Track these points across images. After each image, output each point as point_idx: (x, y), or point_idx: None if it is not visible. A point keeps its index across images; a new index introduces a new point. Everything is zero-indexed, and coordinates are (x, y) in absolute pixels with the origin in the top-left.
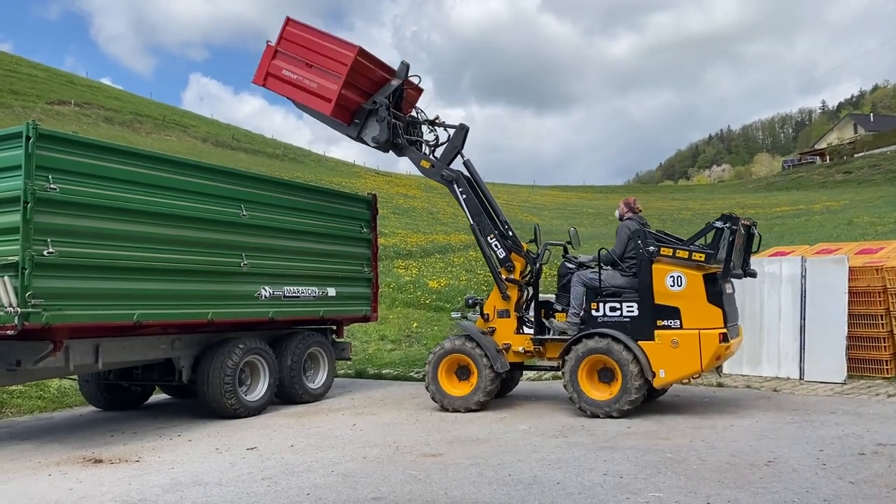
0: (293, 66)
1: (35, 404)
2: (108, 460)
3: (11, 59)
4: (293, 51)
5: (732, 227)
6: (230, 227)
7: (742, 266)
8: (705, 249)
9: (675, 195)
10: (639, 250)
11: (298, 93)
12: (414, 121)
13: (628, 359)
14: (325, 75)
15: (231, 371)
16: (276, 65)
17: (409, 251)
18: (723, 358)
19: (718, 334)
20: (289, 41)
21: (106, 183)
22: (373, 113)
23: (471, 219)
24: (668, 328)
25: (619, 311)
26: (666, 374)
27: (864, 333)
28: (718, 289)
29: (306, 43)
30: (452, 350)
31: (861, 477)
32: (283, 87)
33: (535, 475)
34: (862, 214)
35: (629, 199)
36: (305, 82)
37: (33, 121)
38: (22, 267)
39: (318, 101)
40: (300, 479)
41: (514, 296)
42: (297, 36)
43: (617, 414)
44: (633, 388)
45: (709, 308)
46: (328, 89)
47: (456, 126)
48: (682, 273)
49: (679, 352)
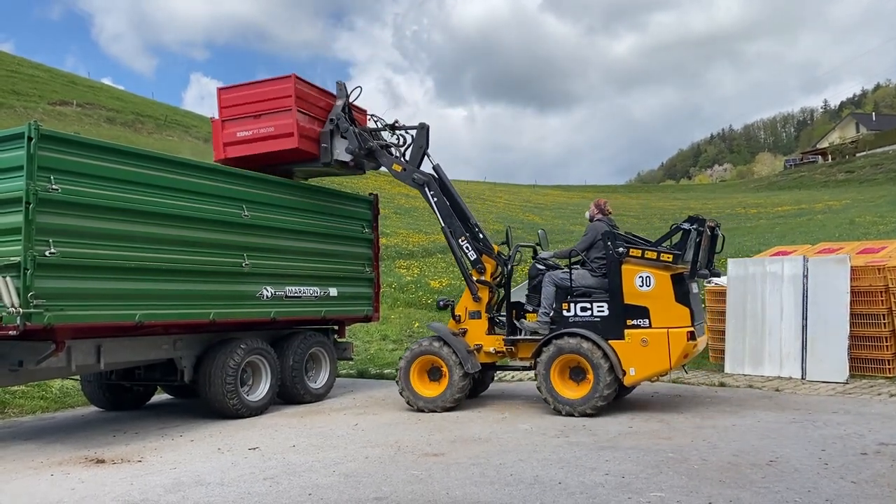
0: (244, 125)
1: (37, 404)
2: (110, 460)
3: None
4: (238, 112)
5: (699, 228)
6: (232, 227)
7: (707, 266)
8: (673, 250)
9: (676, 195)
10: (608, 251)
11: (261, 144)
12: (374, 130)
13: (599, 358)
14: (276, 116)
15: (233, 371)
16: (228, 133)
17: (410, 251)
18: (690, 356)
19: (686, 332)
20: (229, 107)
21: (108, 183)
22: (336, 130)
23: (442, 221)
24: (638, 327)
25: (590, 311)
26: (636, 372)
27: (866, 333)
28: (686, 288)
29: (244, 99)
30: (423, 352)
31: (863, 477)
32: (245, 148)
33: (537, 475)
34: (864, 214)
35: (600, 201)
36: (262, 131)
37: (35, 121)
38: (24, 267)
39: (282, 141)
40: (302, 478)
41: (485, 297)
42: (233, 98)
43: (591, 411)
44: (604, 386)
45: (676, 307)
46: (286, 124)
47: (416, 127)
48: (650, 273)
49: (648, 350)
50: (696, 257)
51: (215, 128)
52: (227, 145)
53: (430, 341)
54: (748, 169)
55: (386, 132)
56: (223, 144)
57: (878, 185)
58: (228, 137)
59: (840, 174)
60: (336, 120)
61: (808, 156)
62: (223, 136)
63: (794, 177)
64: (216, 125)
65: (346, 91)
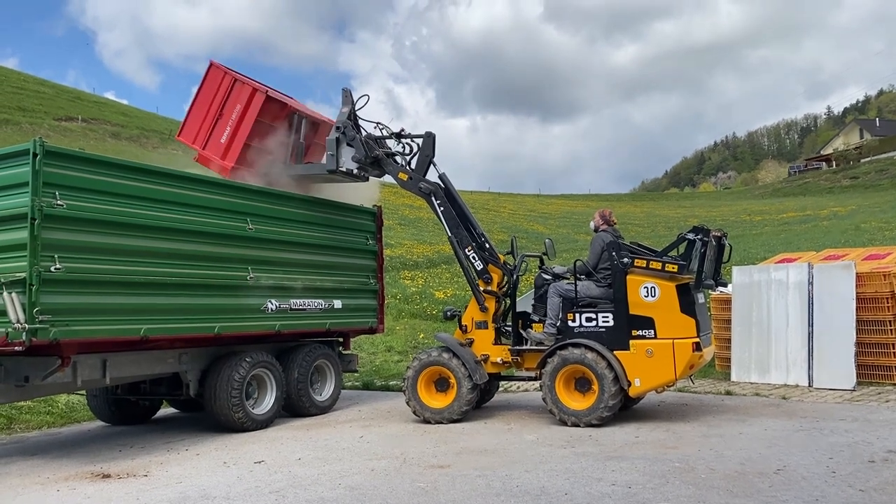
0: (218, 132)
1: (43, 420)
2: (116, 475)
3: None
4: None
5: (704, 238)
6: (236, 240)
7: (713, 276)
8: (678, 260)
9: (681, 202)
10: (613, 262)
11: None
12: (380, 138)
13: (604, 368)
14: (232, 98)
15: (238, 384)
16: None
17: (415, 262)
18: (696, 367)
19: (692, 343)
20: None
21: (112, 198)
22: (342, 138)
23: (448, 231)
24: (643, 338)
25: (595, 322)
26: (641, 382)
27: (873, 339)
28: (691, 299)
29: (199, 116)
30: (431, 362)
31: (871, 485)
32: (236, 142)
33: (543, 486)
34: (870, 219)
35: (605, 210)
36: (235, 117)
37: (40, 137)
38: (29, 283)
39: (254, 107)
40: (308, 492)
41: (491, 307)
42: (192, 125)
43: (597, 422)
44: (609, 397)
45: (682, 318)
46: (243, 93)
47: (422, 135)
48: (655, 284)
49: (654, 361)
50: (702, 267)
51: (203, 160)
52: (224, 156)
53: (438, 352)
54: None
55: (392, 140)
56: (220, 159)
57: (883, 190)
58: (217, 151)
59: (845, 180)
60: (342, 128)
61: (813, 162)
62: (213, 155)
63: (798, 183)
64: (203, 159)
65: (352, 98)
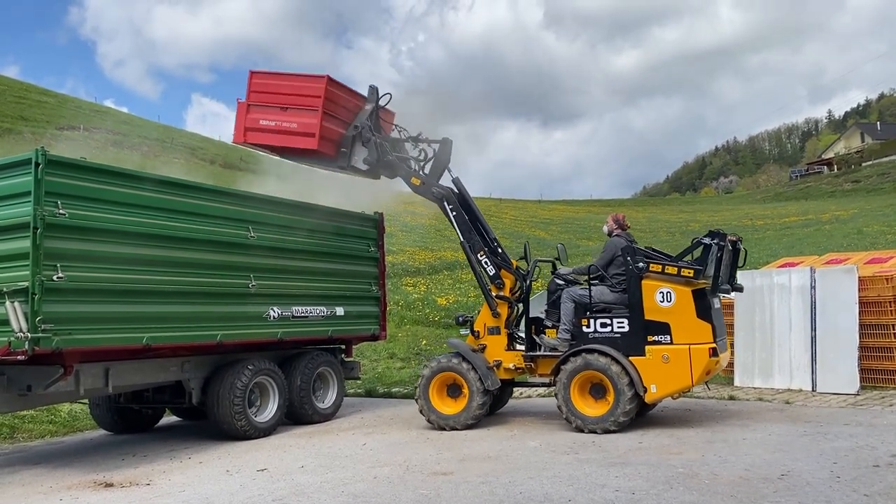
0: (269, 114)
1: (46, 429)
2: (119, 484)
3: (21, 87)
4: (265, 100)
5: (720, 243)
6: (238, 248)
7: (729, 281)
8: (694, 265)
9: (683, 207)
10: (628, 267)
11: (281, 137)
12: (397, 140)
13: (620, 374)
14: (302, 113)
15: (241, 392)
16: (252, 118)
17: (417, 268)
18: (712, 372)
19: (708, 349)
20: (258, 92)
21: (114, 207)
22: (357, 137)
23: (461, 236)
24: (659, 343)
25: (610, 327)
26: (657, 389)
27: (876, 343)
28: (707, 304)
29: (275, 89)
30: (444, 368)
31: (876, 489)
32: (265, 137)
33: (547, 492)
34: (872, 223)
35: (618, 215)
36: (285, 125)
37: (42, 147)
38: (32, 292)
39: (302, 140)
40: (311, 500)
41: (504, 313)
42: (265, 85)
43: (614, 428)
44: (624, 403)
45: (698, 323)
46: (309, 124)
47: (439, 141)
48: (671, 289)
49: (670, 367)
50: (718, 272)
51: (240, 110)
52: (249, 130)
53: (449, 358)
54: (753, 180)
55: (408, 144)
56: (245, 128)
57: (885, 194)
58: (251, 122)
59: (846, 184)
60: (360, 128)
61: (814, 166)
62: (246, 121)
63: (800, 187)
64: (241, 107)
65: (377, 95)
